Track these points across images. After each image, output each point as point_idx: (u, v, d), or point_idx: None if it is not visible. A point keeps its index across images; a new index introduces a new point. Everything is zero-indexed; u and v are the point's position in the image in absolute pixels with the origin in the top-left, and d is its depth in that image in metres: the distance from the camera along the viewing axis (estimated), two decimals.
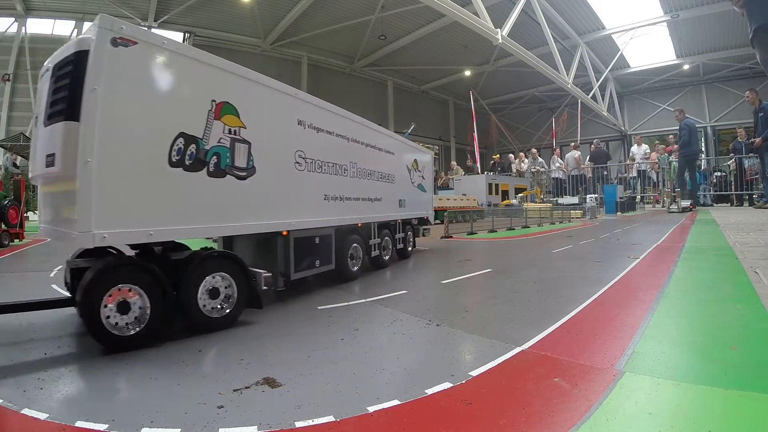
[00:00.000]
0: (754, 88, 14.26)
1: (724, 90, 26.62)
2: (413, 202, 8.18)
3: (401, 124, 28.96)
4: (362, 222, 6.21)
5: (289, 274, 4.64)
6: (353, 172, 5.94)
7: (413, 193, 8.29)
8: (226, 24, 20.93)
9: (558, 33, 21.60)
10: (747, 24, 5.17)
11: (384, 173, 6.89)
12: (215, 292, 3.65)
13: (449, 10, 14.27)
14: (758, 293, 3.98)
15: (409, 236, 8.15)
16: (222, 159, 3.70)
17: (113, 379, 2.59)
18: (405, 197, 7.76)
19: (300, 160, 4.76)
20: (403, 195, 7.69)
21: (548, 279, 5.50)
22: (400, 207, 7.57)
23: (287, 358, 2.91)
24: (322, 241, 5.20)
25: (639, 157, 22.49)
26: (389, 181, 7.11)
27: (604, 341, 3.02)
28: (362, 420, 2.02)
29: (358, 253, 6.09)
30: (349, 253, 5.81)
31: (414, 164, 8.38)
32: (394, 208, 7.30)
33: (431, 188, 9.62)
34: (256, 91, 4.17)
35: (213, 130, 3.61)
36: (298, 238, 4.74)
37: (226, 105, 3.73)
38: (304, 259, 4.89)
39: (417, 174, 8.51)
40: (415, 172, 8.42)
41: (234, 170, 3.83)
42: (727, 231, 9.05)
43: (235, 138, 3.83)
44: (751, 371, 2.42)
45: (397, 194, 7.48)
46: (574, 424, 1.90)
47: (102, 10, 20.40)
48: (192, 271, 3.49)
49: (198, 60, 3.62)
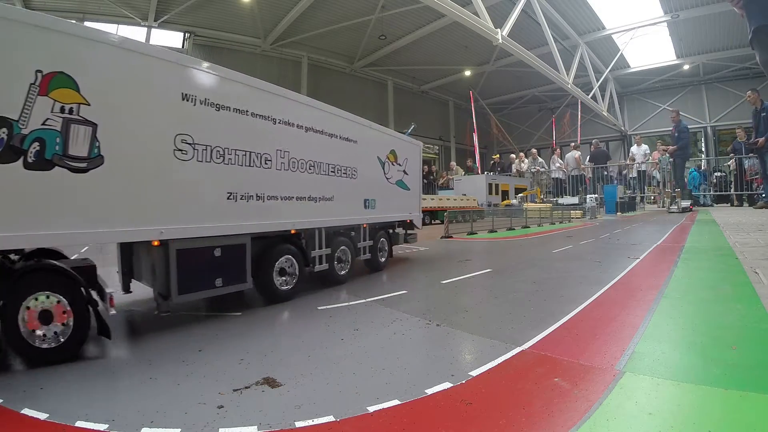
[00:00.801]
0: (756, 88, 14.26)
1: (724, 90, 26.62)
2: (389, 202, 6.81)
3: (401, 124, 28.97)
4: (297, 228, 4.91)
5: (170, 295, 3.59)
6: (282, 164, 4.62)
7: (389, 190, 6.88)
8: (226, 24, 20.93)
9: (558, 33, 21.60)
10: (747, 25, 5.17)
11: (338, 166, 5.55)
12: (46, 316, 2.90)
13: (449, 10, 14.27)
14: (758, 293, 3.98)
15: (382, 244, 6.83)
16: (48, 146, 2.86)
17: (113, 379, 2.59)
18: (374, 196, 6.38)
19: (185, 147, 3.67)
20: (371, 193, 6.31)
21: (548, 279, 5.50)
22: (367, 208, 6.23)
23: (287, 358, 2.91)
24: (228, 253, 4.01)
25: (639, 157, 22.51)
26: (348, 175, 5.75)
27: (604, 341, 3.02)
28: (362, 420, 2.02)
29: (294, 267, 4.84)
30: (277, 267, 4.62)
31: (391, 156, 6.94)
32: (354, 210, 5.99)
33: (418, 186, 8.06)
34: (110, 58, 3.23)
35: (35, 110, 2.82)
36: (183, 249, 3.66)
37: (58, 76, 2.92)
38: (195, 277, 3.78)
39: (396, 168, 7.07)
40: (393, 166, 6.98)
41: (66, 160, 2.94)
42: (727, 231, 9.05)
43: (70, 118, 2.97)
44: (751, 371, 2.42)
45: (362, 192, 6.11)
46: (574, 424, 1.90)
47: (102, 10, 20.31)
48: (10, 290, 2.80)
49: (16, 21, 2.78)
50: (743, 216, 12.56)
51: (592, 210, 18.06)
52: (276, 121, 4.57)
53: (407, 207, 7.61)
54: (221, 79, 4.05)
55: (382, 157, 6.70)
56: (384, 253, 6.94)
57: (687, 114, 23.42)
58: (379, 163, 6.64)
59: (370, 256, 6.46)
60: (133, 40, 3.48)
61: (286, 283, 4.74)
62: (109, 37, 3.30)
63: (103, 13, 18.63)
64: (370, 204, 6.34)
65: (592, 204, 18.82)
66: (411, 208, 7.76)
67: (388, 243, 7.12)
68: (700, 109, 27.78)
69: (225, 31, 21.56)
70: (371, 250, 6.45)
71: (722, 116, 27.10)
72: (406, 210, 7.58)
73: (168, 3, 18.85)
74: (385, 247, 7.01)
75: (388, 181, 6.88)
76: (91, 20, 18.68)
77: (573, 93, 23.52)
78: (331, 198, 5.40)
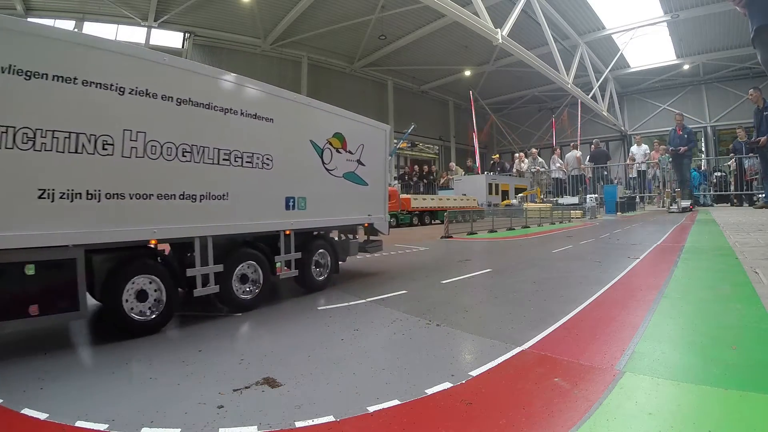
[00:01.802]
0: (758, 87, 14.25)
1: (724, 90, 26.63)
2: (331, 201, 5.43)
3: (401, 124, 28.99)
4: (162, 237, 3.66)
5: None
6: (134, 150, 3.42)
7: (331, 186, 5.41)
8: (226, 24, 20.94)
9: (558, 33, 21.60)
10: (748, 24, 5.18)
11: (238, 152, 4.17)
12: None
13: (449, 10, 14.27)
14: (758, 293, 3.99)
15: (321, 257, 5.36)
16: None
17: (113, 379, 2.59)
18: (304, 193, 4.97)
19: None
20: (298, 189, 4.91)
21: (548, 279, 5.50)
22: (291, 209, 4.81)
23: (287, 358, 2.91)
24: (46, 271, 2.99)
25: (639, 157, 22.53)
26: (255, 165, 4.36)
27: (604, 341, 3.02)
28: (362, 420, 2.02)
29: (160, 291, 3.62)
30: (131, 291, 3.45)
31: (335, 141, 5.44)
32: (267, 211, 4.57)
33: (382, 181, 6.46)
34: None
35: None
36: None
37: None
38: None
39: (344, 157, 5.59)
40: (339, 154, 5.50)
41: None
42: (727, 231, 9.05)
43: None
44: (751, 371, 2.42)
45: (281, 188, 4.71)
46: (574, 424, 1.90)
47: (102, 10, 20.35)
48: None
49: None
50: (743, 216, 12.56)
51: (592, 210, 18.08)
52: (124, 90, 3.38)
53: (363, 207, 6.06)
54: (27, 36, 2.93)
55: (319, 142, 5.18)
56: (325, 269, 5.37)
57: (687, 114, 23.42)
58: (315, 149, 5.14)
59: (299, 272, 4.95)
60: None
61: (150, 311, 3.51)
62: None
63: (103, 14, 18.64)
64: (297, 203, 4.88)
65: (592, 204, 18.84)
66: (370, 208, 6.19)
67: (331, 255, 5.48)
68: (700, 109, 27.79)
69: (225, 31, 21.57)
70: (301, 264, 4.96)
71: (722, 116, 27.10)
72: (361, 211, 6.01)
73: (168, 3, 18.86)
74: (327, 260, 5.42)
75: (330, 173, 5.37)
76: (91, 20, 18.69)
77: (573, 93, 23.53)
78: (224, 196, 4.05)
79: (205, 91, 3.94)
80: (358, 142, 5.83)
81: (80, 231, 3.14)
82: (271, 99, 4.67)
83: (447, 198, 20.04)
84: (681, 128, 18.28)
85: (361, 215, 6.07)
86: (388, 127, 6.76)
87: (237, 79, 4.35)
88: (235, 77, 4.36)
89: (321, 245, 5.40)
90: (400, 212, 17.14)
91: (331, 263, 5.50)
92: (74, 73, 3.11)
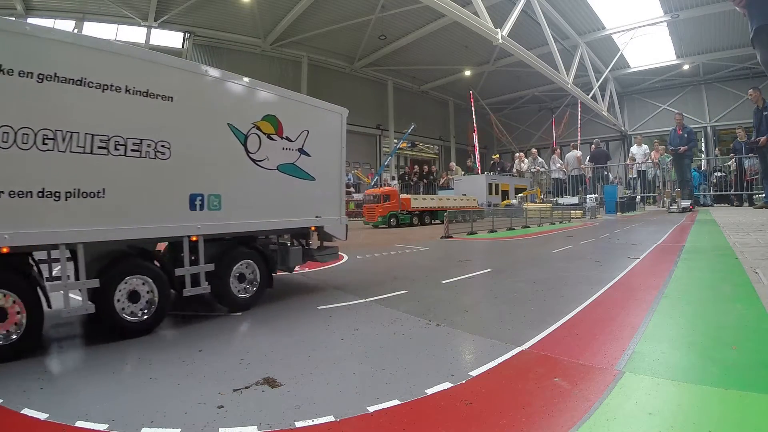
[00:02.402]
0: (758, 87, 14.25)
1: (724, 90, 26.64)
2: (262, 199, 4.53)
3: (401, 124, 29.00)
4: (14, 244, 2.93)
5: None
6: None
7: (262, 180, 4.49)
8: (226, 24, 20.95)
9: (558, 33, 21.61)
10: (748, 24, 5.18)
11: (120, 139, 3.39)
12: None
13: (449, 10, 14.28)
14: (758, 293, 3.98)
15: (247, 269, 4.41)
16: None
17: (113, 379, 2.59)
18: (219, 189, 4.09)
19: None
20: (208, 184, 4.02)
21: (548, 279, 5.50)
22: (198, 209, 3.92)
23: (287, 358, 2.91)
24: None
25: (639, 157, 22.54)
26: (145, 154, 3.52)
27: (604, 341, 3.02)
28: (362, 420, 2.02)
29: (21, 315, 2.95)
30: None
31: (266, 125, 4.50)
32: (164, 213, 3.73)
33: (336, 175, 5.51)
34: None
35: None
36: None
37: None
38: None
39: (279, 144, 4.64)
40: (271, 141, 4.55)
41: None
42: (727, 231, 9.05)
43: None
44: (751, 371, 2.42)
45: (184, 182, 3.85)
46: (574, 424, 1.90)
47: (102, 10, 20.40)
48: None
49: None
50: (743, 216, 12.56)
51: (592, 210, 18.08)
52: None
53: (308, 207, 5.05)
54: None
55: (241, 127, 4.25)
56: (251, 285, 4.42)
57: (687, 114, 23.45)
58: (235, 135, 4.21)
59: (213, 287, 4.05)
60: None
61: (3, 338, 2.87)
62: None
63: (103, 14, 18.64)
64: (207, 202, 3.98)
65: (592, 204, 18.84)
66: (319, 208, 5.17)
67: (260, 267, 4.49)
68: (700, 109, 27.80)
69: (225, 31, 21.58)
70: (216, 278, 4.07)
71: (722, 116, 27.12)
72: (305, 211, 5.03)
73: (168, 3, 18.87)
74: (254, 273, 4.44)
75: (258, 164, 4.42)
76: (91, 20, 18.69)
77: (573, 93, 23.53)
78: (99, 193, 3.29)
79: (76, 63, 3.18)
80: (300, 126, 4.85)
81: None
82: (172, 73, 3.79)
83: (447, 198, 20.05)
84: (681, 128, 18.29)
85: (304, 217, 5.02)
86: (345, 111, 5.64)
87: (123, 49, 3.62)
88: (121, 46, 3.70)
89: (245, 254, 4.38)
90: (400, 212, 17.17)
91: (262, 276, 4.48)
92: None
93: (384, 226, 16.72)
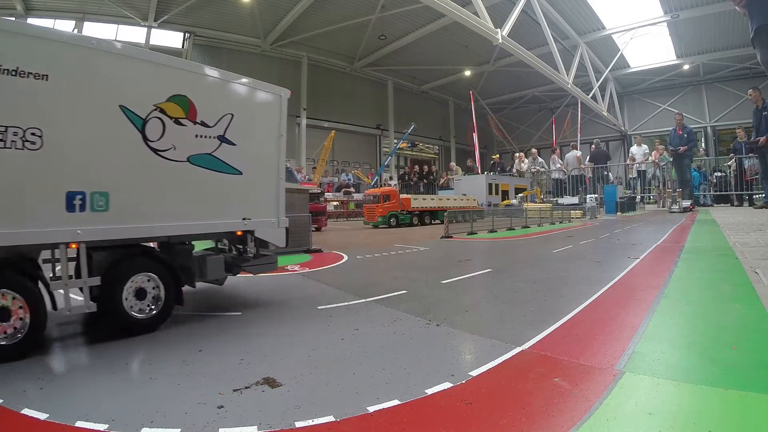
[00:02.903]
0: (758, 87, 14.26)
1: (724, 90, 26.66)
2: (166, 197, 3.77)
3: (401, 124, 29.01)
4: None
5: None
6: None
7: (166, 174, 3.72)
8: (226, 24, 20.96)
9: (558, 33, 21.62)
10: (748, 24, 5.19)
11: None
12: None
13: (449, 10, 14.29)
14: (758, 293, 3.98)
15: (144, 283, 3.61)
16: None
17: (113, 379, 2.59)
18: (107, 186, 3.39)
19: None
20: (93, 181, 3.32)
21: (548, 279, 5.50)
22: (78, 210, 3.23)
23: (287, 358, 2.91)
24: None
25: (639, 157, 22.55)
26: (11, 144, 2.95)
27: (604, 341, 3.02)
28: (362, 420, 2.02)
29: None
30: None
31: (173, 108, 3.73)
32: (31, 214, 3.08)
33: (274, 168, 4.63)
34: None
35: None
36: None
37: None
38: None
39: (194, 131, 3.87)
40: (183, 127, 3.79)
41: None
42: (727, 231, 9.05)
43: None
44: (751, 371, 2.41)
45: (61, 178, 3.19)
46: (574, 424, 1.90)
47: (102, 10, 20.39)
48: None
49: None
50: (743, 216, 12.56)
51: (592, 210, 18.09)
52: None
53: (232, 207, 4.26)
54: None
55: (137, 110, 3.52)
56: (156, 301, 3.64)
57: (687, 114, 23.48)
58: (130, 120, 3.48)
59: (101, 304, 3.41)
60: None
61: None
62: None
63: (104, 14, 18.65)
64: (91, 202, 3.27)
65: (592, 204, 18.85)
66: (247, 209, 4.36)
67: (166, 280, 3.71)
68: (700, 109, 27.82)
69: (225, 31, 21.59)
70: (105, 294, 3.41)
71: (722, 116, 27.14)
72: (228, 213, 4.23)
73: (168, 3, 18.87)
74: (159, 287, 3.66)
75: (160, 155, 3.65)
76: (91, 20, 18.70)
77: (573, 93, 23.55)
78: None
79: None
80: (222, 110, 4.07)
81: None
82: (47, 46, 3.15)
83: (447, 198, 20.07)
84: (681, 128, 18.31)
85: (227, 219, 4.20)
86: (286, 92, 4.75)
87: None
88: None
89: (144, 266, 3.63)
90: (400, 212, 17.18)
91: (167, 292, 3.67)
92: None
93: (384, 226, 16.72)
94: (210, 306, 4.42)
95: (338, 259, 7.68)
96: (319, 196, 16.97)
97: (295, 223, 8.96)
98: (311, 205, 11.93)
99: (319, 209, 15.25)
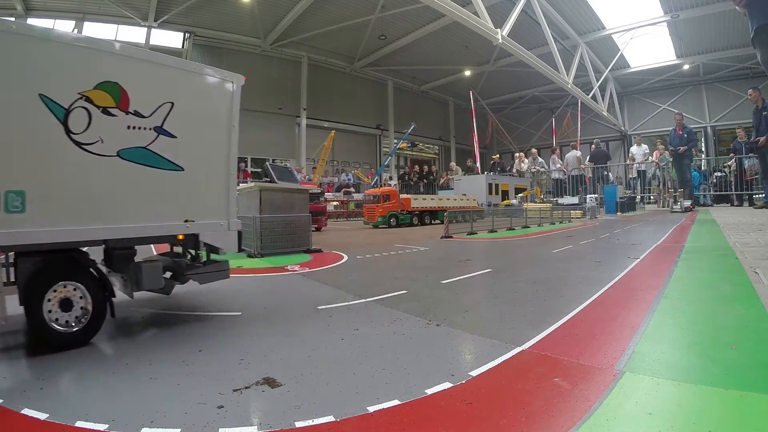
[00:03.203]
0: (758, 87, 14.26)
1: (724, 90, 26.67)
2: (94, 197, 3.35)
3: (401, 124, 29.01)
4: None
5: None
6: None
7: (93, 171, 3.31)
8: (226, 24, 20.96)
9: (558, 33, 21.63)
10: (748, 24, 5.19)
11: None
12: None
13: (449, 10, 14.29)
14: (758, 293, 3.98)
15: (69, 294, 3.22)
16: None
17: (113, 379, 2.59)
18: (23, 184, 3.00)
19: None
20: (8, 180, 2.95)
21: (548, 279, 5.50)
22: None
23: (287, 358, 2.91)
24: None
25: (639, 157, 22.56)
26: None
27: (604, 341, 3.02)
28: (362, 420, 2.02)
29: None
30: None
31: (104, 96, 3.32)
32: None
33: (223, 164, 4.12)
34: None
35: None
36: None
37: None
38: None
39: (126, 122, 3.45)
40: (113, 118, 3.37)
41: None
42: (727, 231, 9.05)
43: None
44: (751, 371, 2.41)
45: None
46: (574, 424, 1.90)
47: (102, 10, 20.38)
48: None
49: None
50: (743, 216, 12.56)
51: (592, 210, 18.09)
52: None
53: (171, 207, 3.81)
54: None
55: (60, 98, 3.14)
56: (83, 314, 3.25)
57: (687, 114, 23.50)
58: (50, 110, 3.09)
59: (28, 318, 3.04)
60: None
61: None
62: None
63: (103, 14, 18.65)
64: (4, 203, 2.90)
65: (592, 204, 18.86)
66: (190, 209, 3.90)
67: (93, 291, 3.31)
68: (700, 109, 27.82)
69: (225, 31, 21.59)
70: (25, 304, 3.04)
71: (722, 116, 27.14)
72: (166, 214, 3.78)
73: (168, 3, 18.87)
74: (86, 299, 3.26)
75: (85, 149, 3.25)
76: (91, 20, 18.70)
77: (573, 93, 23.55)
78: None
79: None
80: (160, 98, 3.63)
81: None
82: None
83: (447, 198, 20.07)
84: (681, 128, 18.32)
85: (165, 221, 3.75)
86: (239, 78, 4.24)
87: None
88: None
89: (67, 274, 3.26)
90: (400, 212, 17.18)
91: (96, 304, 3.29)
92: None
93: (384, 226, 16.72)
94: (210, 306, 4.42)
95: (338, 259, 7.67)
96: (319, 196, 17.00)
97: (295, 223, 9.05)
98: (311, 205, 11.94)
99: (319, 209, 15.28)
